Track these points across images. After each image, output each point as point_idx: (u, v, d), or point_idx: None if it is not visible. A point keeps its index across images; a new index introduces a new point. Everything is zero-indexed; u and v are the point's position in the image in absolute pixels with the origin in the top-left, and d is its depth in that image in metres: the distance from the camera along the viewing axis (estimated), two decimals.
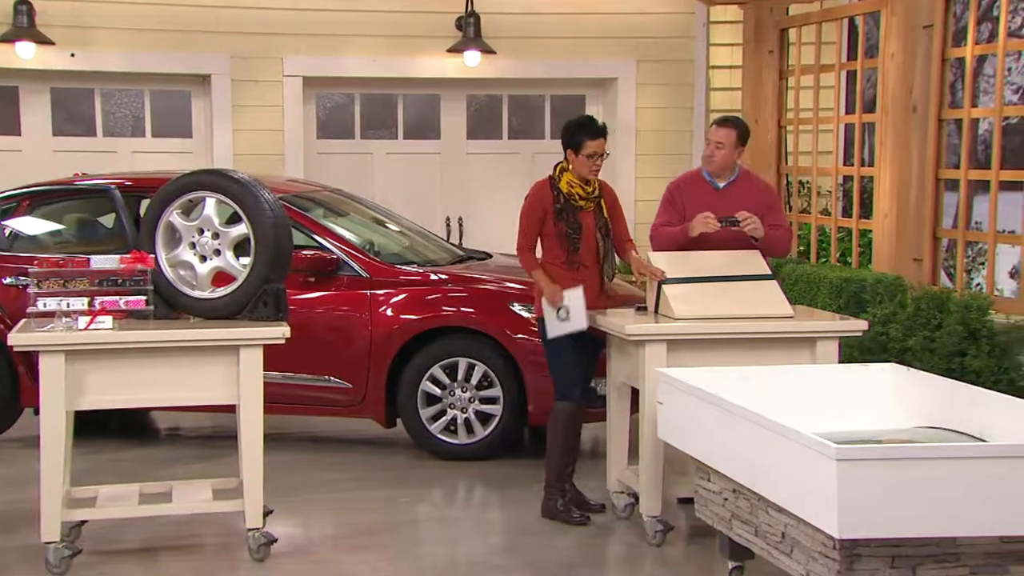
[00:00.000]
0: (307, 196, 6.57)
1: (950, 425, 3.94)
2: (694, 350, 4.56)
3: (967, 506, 3.18)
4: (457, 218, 9.00)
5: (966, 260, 9.49)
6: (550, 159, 5.13)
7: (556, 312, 4.77)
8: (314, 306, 5.96)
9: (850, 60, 7.91)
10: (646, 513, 4.67)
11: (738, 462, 3.74)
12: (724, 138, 4.92)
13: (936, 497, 3.17)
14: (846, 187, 8.49)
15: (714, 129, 4.97)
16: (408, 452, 6.10)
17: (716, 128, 4.97)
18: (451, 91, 9.02)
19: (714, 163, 4.94)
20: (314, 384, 5.97)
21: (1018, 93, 12.19)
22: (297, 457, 6.04)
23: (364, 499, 5.35)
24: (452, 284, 6.02)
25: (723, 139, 4.92)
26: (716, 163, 4.94)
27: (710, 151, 4.94)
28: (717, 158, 4.93)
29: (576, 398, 4.91)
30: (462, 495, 5.58)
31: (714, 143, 4.93)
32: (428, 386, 5.92)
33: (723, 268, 4.78)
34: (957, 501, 3.17)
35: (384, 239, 6.66)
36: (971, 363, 5.25)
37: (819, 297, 6.43)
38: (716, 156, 4.93)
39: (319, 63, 8.57)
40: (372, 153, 9.03)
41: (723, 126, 4.96)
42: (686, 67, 8.83)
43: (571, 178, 4.89)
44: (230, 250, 4.50)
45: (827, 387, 4.28)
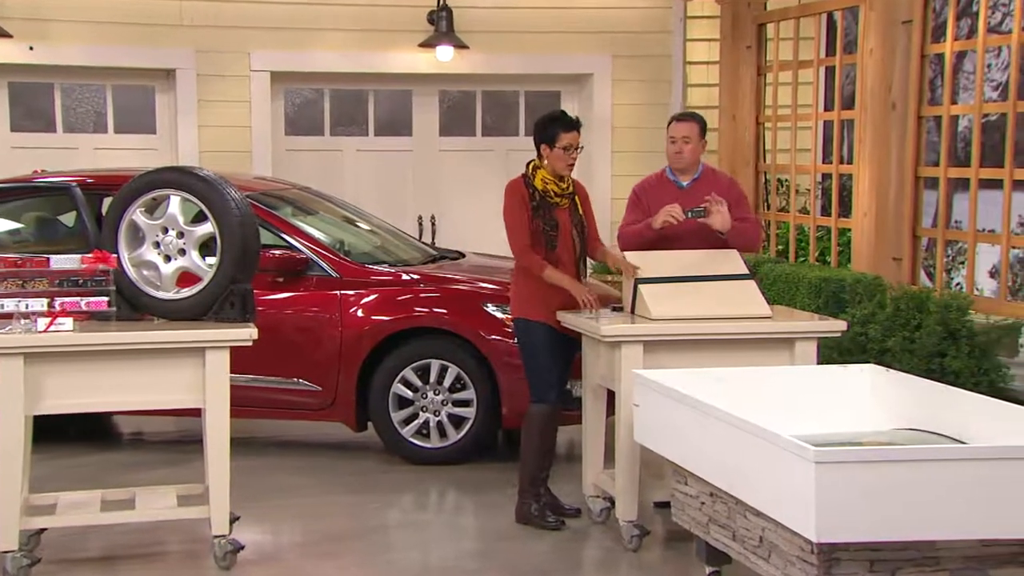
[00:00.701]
0: (275, 194, 6.55)
1: (930, 427, 3.97)
2: (671, 351, 4.58)
3: (947, 509, 3.20)
4: (429, 217, 8.99)
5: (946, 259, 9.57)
6: (524, 156, 5.14)
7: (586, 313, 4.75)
8: (282, 307, 5.94)
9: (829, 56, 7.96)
10: (622, 517, 4.68)
11: (715, 465, 3.76)
12: (689, 132, 4.93)
13: (915, 500, 3.19)
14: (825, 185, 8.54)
15: (676, 125, 4.98)
16: (379, 456, 6.09)
17: (678, 124, 4.98)
18: (423, 87, 9.00)
19: (684, 159, 4.95)
20: (282, 387, 5.95)
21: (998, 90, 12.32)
22: (265, 462, 6.02)
23: (333, 504, 5.33)
24: (424, 284, 6.01)
25: (688, 133, 4.93)
26: (686, 158, 4.95)
27: (678, 147, 4.95)
28: (686, 153, 4.94)
29: (552, 401, 4.91)
30: (434, 500, 5.57)
31: (680, 139, 4.94)
32: (400, 388, 5.91)
33: (700, 267, 4.79)
34: (937, 504, 3.20)
35: (354, 238, 6.64)
36: (951, 364, 5.29)
37: (798, 297, 6.47)
38: (685, 151, 4.94)
39: (287, 58, 8.53)
40: (342, 150, 9.00)
41: (684, 121, 4.98)
42: (663, 63, 8.86)
43: (545, 175, 4.89)
44: (195, 249, 4.48)
45: (805, 388, 4.30)
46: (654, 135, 8.86)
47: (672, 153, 4.98)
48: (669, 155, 5.01)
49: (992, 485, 3.22)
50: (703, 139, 4.97)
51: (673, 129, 4.98)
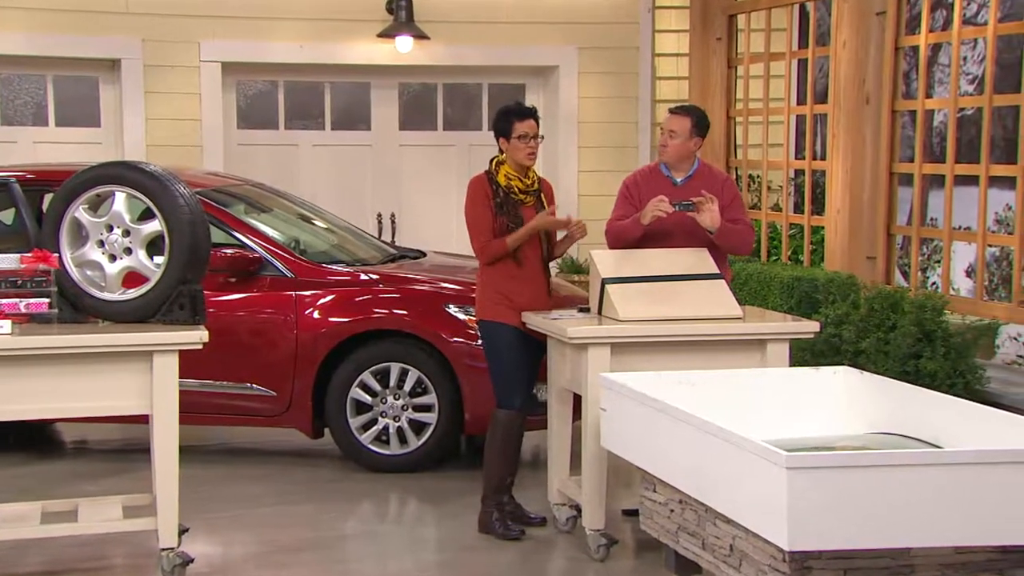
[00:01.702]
0: (227, 191, 6.51)
1: (904, 431, 4.01)
2: (639, 353, 4.59)
3: (922, 516, 3.23)
4: (389, 214, 8.97)
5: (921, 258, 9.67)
6: (487, 152, 5.14)
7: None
8: (235, 309, 5.91)
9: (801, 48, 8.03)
10: (589, 526, 4.69)
11: (685, 471, 3.78)
12: (677, 126, 4.95)
13: (890, 507, 3.22)
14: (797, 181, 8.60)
15: (668, 117, 5.00)
16: (336, 464, 6.07)
17: (670, 116, 5.00)
18: (382, 79, 8.98)
19: (666, 153, 4.97)
20: (234, 392, 5.93)
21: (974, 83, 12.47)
22: (215, 471, 5.99)
23: (287, 515, 5.31)
24: (384, 284, 6.00)
25: (676, 127, 4.95)
26: (669, 153, 4.97)
27: (663, 140, 4.97)
28: (669, 148, 4.95)
29: (517, 406, 4.91)
30: (394, 509, 5.56)
31: (667, 132, 4.96)
32: (358, 393, 5.90)
33: (670, 267, 4.81)
34: (911, 510, 3.23)
35: (310, 237, 6.62)
36: (926, 366, 5.35)
37: (770, 297, 6.51)
38: (668, 146, 4.95)
39: (239, 48, 8.48)
40: (297, 145, 8.97)
41: (677, 114, 4.99)
42: (630, 55, 8.89)
43: (508, 170, 4.90)
44: (142, 248, 4.44)
45: (777, 391, 4.33)
46: (622, 130, 8.92)
47: (659, 146, 5.01)
48: (659, 147, 5.04)
49: (968, 491, 3.25)
50: (697, 136, 4.96)
51: (665, 122, 5.01)
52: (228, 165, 8.44)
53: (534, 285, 4.93)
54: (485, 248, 4.85)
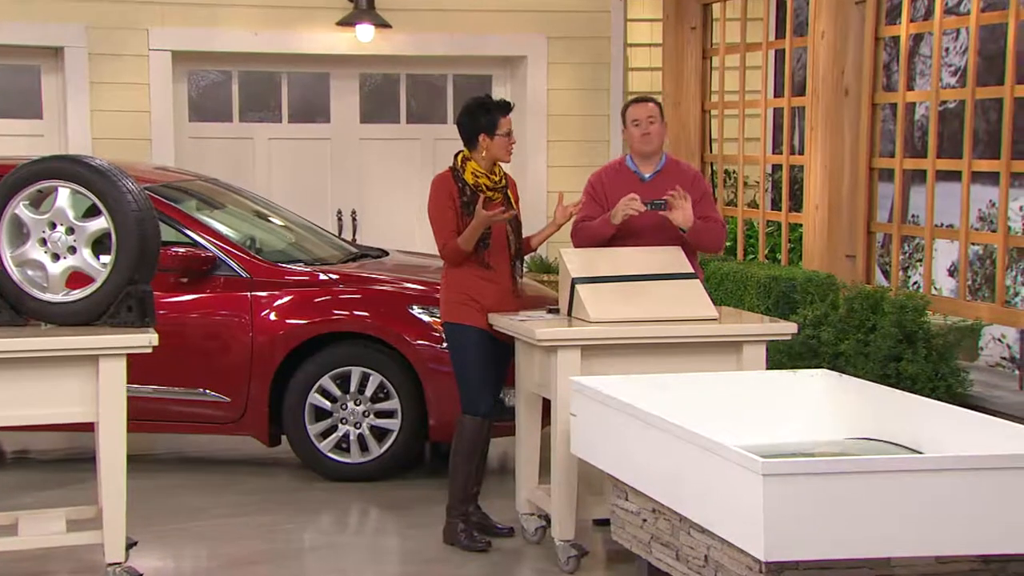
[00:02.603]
0: (178, 186, 6.49)
1: (885, 436, 4.04)
2: (611, 356, 4.60)
3: (902, 524, 3.26)
4: (350, 211, 8.95)
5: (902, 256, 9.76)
6: (453, 146, 5.14)
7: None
8: (186, 310, 5.89)
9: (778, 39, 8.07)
10: (558, 537, 4.70)
11: (658, 479, 3.79)
12: (654, 112, 4.98)
13: (869, 515, 3.24)
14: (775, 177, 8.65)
15: (636, 107, 5.01)
16: (294, 473, 6.05)
17: (638, 106, 5.01)
18: (342, 69, 8.96)
19: (653, 140, 4.97)
20: (186, 398, 5.90)
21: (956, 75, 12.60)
22: (166, 481, 5.95)
23: (242, 526, 5.28)
24: (344, 285, 5.99)
25: (653, 113, 4.98)
26: (655, 139, 4.97)
27: (644, 129, 4.96)
28: (654, 133, 4.96)
29: (484, 411, 4.91)
30: (354, 520, 5.54)
31: (645, 120, 4.96)
32: (317, 399, 5.88)
33: (642, 266, 4.83)
34: (892, 519, 3.26)
35: (267, 234, 6.60)
36: (907, 368, 5.39)
37: (746, 297, 6.54)
38: (652, 131, 4.96)
39: (191, 36, 8.43)
40: (253, 138, 8.93)
41: (645, 102, 5.02)
42: (602, 44, 8.91)
43: (476, 168, 4.89)
44: (87, 247, 4.41)
45: (754, 395, 4.36)
46: (593, 123, 8.94)
47: (639, 136, 4.98)
48: (634, 140, 5.01)
49: (950, 498, 3.28)
50: (664, 123, 5.01)
51: (634, 112, 5.00)
52: (179, 159, 8.39)
53: (501, 285, 4.93)
54: (446, 249, 4.85)
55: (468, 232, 4.79)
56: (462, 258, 4.85)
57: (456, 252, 4.84)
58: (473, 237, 4.80)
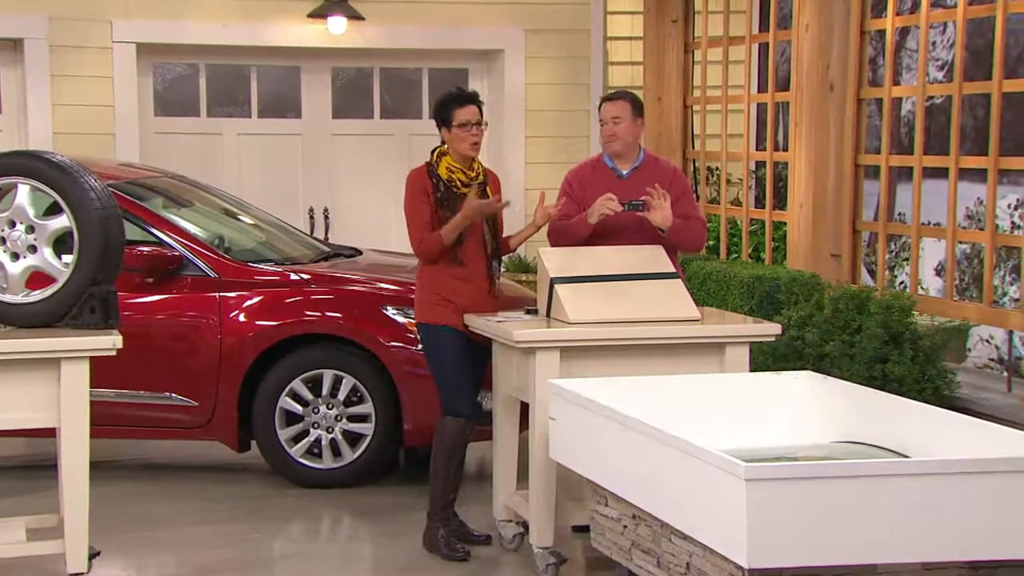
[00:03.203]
0: (143, 183, 6.46)
1: (870, 439, 4.06)
2: (590, 358, 4.60)
3: (888, 530, 3.27)
4: (321, 209, 8.93)
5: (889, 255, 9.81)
6: (428, 141, 5.14)
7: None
8: (152, 311, 5.87)
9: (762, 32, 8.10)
10: (537, 544, 4.70)
11: (638, 484, 3.79)
12: (619, 111, 4.98)
13: (855, 520, 3.25)
14: (759, 174, 8.68)
15: (604, 106, 5.03)
16: (264, 479, 6.03)
17: (606, 104, 5.03)
18: (313, 63, 8.94)
19: (617, 141, 4.98)
20: (152, 402, 5.87)
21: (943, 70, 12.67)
22: (130, 488, 5.93)
23: (210, 535, 5.27)
24: (316, 285, 5.98)
25: (619, 112, 4.97)
26: (620, 140, 4.98)
27: (609, 129, 4.98)
28: (619, 133, 4.97)
29: (466, 413, 4.91)
30: (326, 528, 5.53)
31: (610, 119, 4.97)
32: (288, 403, 5.87)
33: (623, 266, 4.83)
34: (878, 524, 3.27)
35: (236, 233, 6.58)
36: (893, 370, 5.42)
37: (729, 298, 6.56)
38: (618, 132, 4.97)
39: (156, 27, 8.39)
40: (221, 133, 8.90)
41: (613, 100, 5.03)
42: (581, 38, 8.91)
43: (451, 162, 4.89)
44: (48, 246, 4.38)
45: (737, 398, 4.37)
46: (572, 118, 8.94)
47: (604, 137, 5.01)
48: (602, 140, 5.04)
49: (937, 503, 3.30)
50: (639, 119, 5.01)
51: (602, 110, 5.02)
52: (144, 156, 8.35)
53: (477, 285, 4.93)
54: (421, 245, 4.85)
55: (454, 223, 4.78)
56: (438, 253, 4.84)
57: (433, 245, 4.82)
58: (458, 229, 4.79)
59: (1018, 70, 7.37)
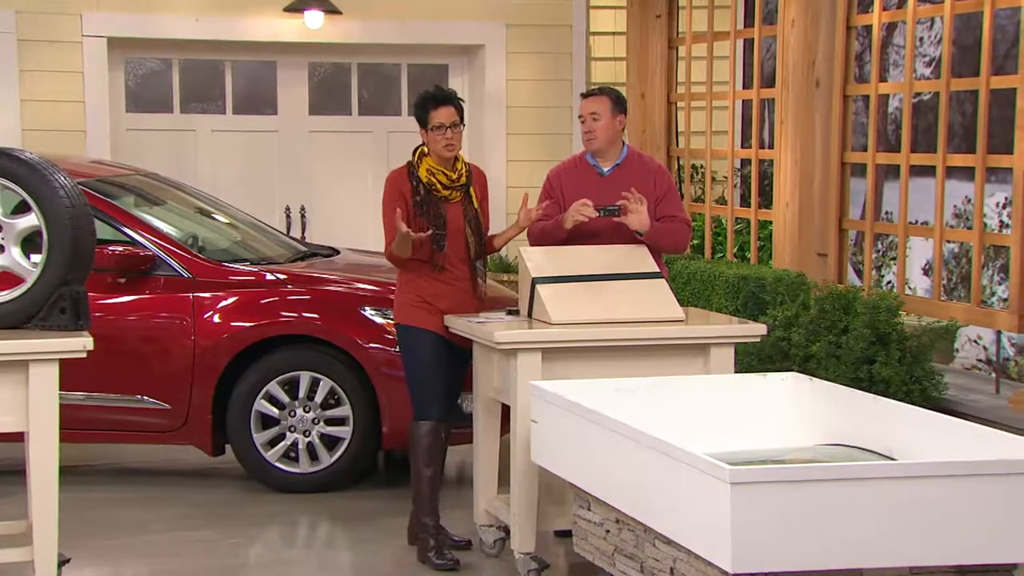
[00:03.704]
0: (114, 181, 6.45)
1: (857, 442, 4.08)
2: (573, 360, 4.61)
3: (875, 534, 3.29)
4: (298, 207, 8.92)
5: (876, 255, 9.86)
6: (407, 139, 5.14)
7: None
8: (124, 312, 5.86)
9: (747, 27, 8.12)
10: (518, 549, 4.70)
11: (622, 488, 3.80)
12: (598, 107, 4.97)
13: (841, 524, 3.27)
14: (743, 172, 8.71)
15: (584, 102, 5.03)
16: (239, 484, 6.02)
17: (586, 101, 5.03)
18: (289, 58, 8.92)
19: (596, 139, 4.99)
20: (124, 405, 5.86)
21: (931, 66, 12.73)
22: (101, 494, 5.91)
23: (184, 541, 5.25)
24: (292, 285, 5.98)
25: (597, 108, 4.97)
26: (599, 137, 4.98)
27: (588, 127, 4.99)
28: (598, 131, 4.97)
29: (435, 416, 4.90)
30: (303, 534, 5.52)
31: (589, 116, 4.98)
32: (263, 406, 5.86)
33: (606, 266, 4.84)
34: (864, 528, 3.28)
35: (210, 232, 6.57)
36: (880, 371, 5.45)
37: (714, 298, 6.58)
38: (596, 129, 4.97)
39: (128, 21, 8.36)
40: (195, 130, 8.88)
41: (593, 96, 5.03)
42: (563, 33, 8.92)
43: (432, 164, 4.88)
44: (16, 246, 4.37)
45: (721, 400, 4.38)
46: (554, 115, 8.95)
47: (584, 134, 5.01)
48: (583, 137, 5.04)
49: (924, 506, 3.31)
50: (619, 116, 5.01)
51: (581, 107, 5.03)
52: (116, 153, 8.33)
53: (458, 287, 4.93)
54: (387, 254, 4.84)
55: (397, 242, 4.75)
56: (403, 264, 4.84)
57: (394, 258, 4.83)
58: (401, 248, 4.76)
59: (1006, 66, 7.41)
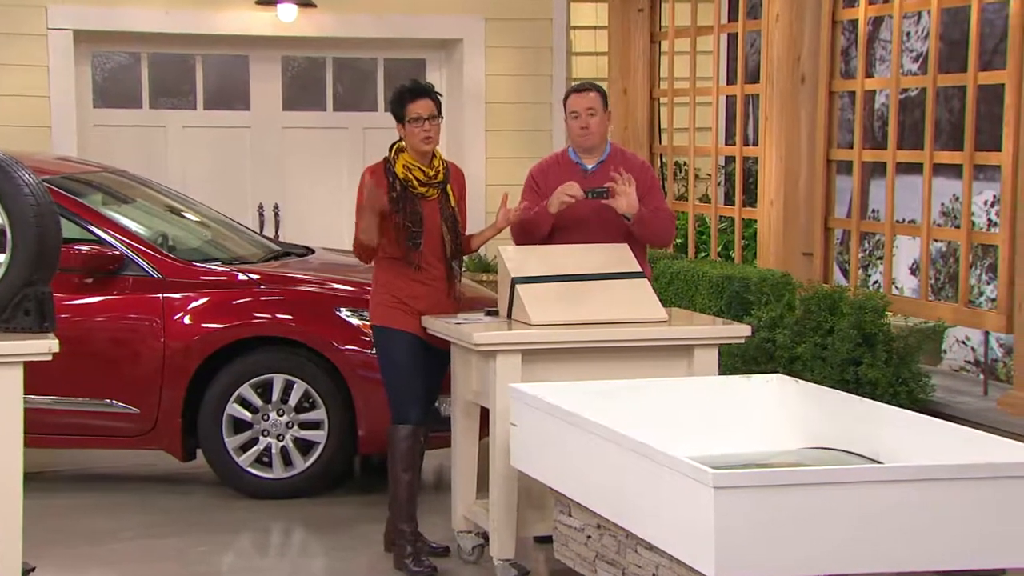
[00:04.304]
0: (81, 178, 6.44)
1: (843, 445, 4.09)
2: (553, 361, 4.61)
3: (861, 539, 3.30)
4: (272, 205, 8.90)
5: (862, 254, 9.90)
6: (383, 135, 5.14)
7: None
8: (91, 313, 5.85)
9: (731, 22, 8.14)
10: (497, 556, 4.70)
11: (603, 493, 3.80)
12: (593, 103, 4.99)
13: (826, 529, 3.27)
14: (727, 170, 8.73)
15: (576, 98, 5.03)
16: (210, 490, 6.00)
17: (578, 95, 5.03)
18: (262, 52, 8.90)
19: (592, 135, 5.00)
20: (91, 410, 5.85)
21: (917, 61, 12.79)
22: (69, 500, 5.89)
23: (153, 549, 5.24)
24: (265, 285, 5.97)
25: (593, 104, 4.99)
26: (595, 133, 4.99)
27: (583, 122, 4.99)
28: (593, 127, 4.98)
29: (413, 420, 4.90)
30: (277, 541, 5.51)
31: (584, 112, 4.98)
32: (235, 409, 5.85)
33: (587, 265, 4.85)
34: (850, 533, 3.29)
35: (180, 231, 6.57)
36: (866, 373, 5.46)
37: (697, 298, 6.59)
38: (592, 125, 4.98)
39: (95, 14, 8.34)
40: (165, 126, 8.85)
41: (585, 91, 5.04)
42: (543, 27, 8.93)
43: (408, 160, 4.88)
44: None
45: (705, 402, 4.39)
46: (534, 111, 8.95)
47: (577, 130, 5.01)
48: (573, 133, 5.05)
49: (911, 510, 3.33)
50: (607, 112, 5.04)
51: (573, 102, 5.02)
52: (83, 149, 8.30)
53: (435, 287, 4.93)
54: (353, 244, 4.84)
55: (365, 220, 4.74)
56: (369, 253, 4.85)
57: (359, 246, 4.83)
58: (370, 227, 4.75)
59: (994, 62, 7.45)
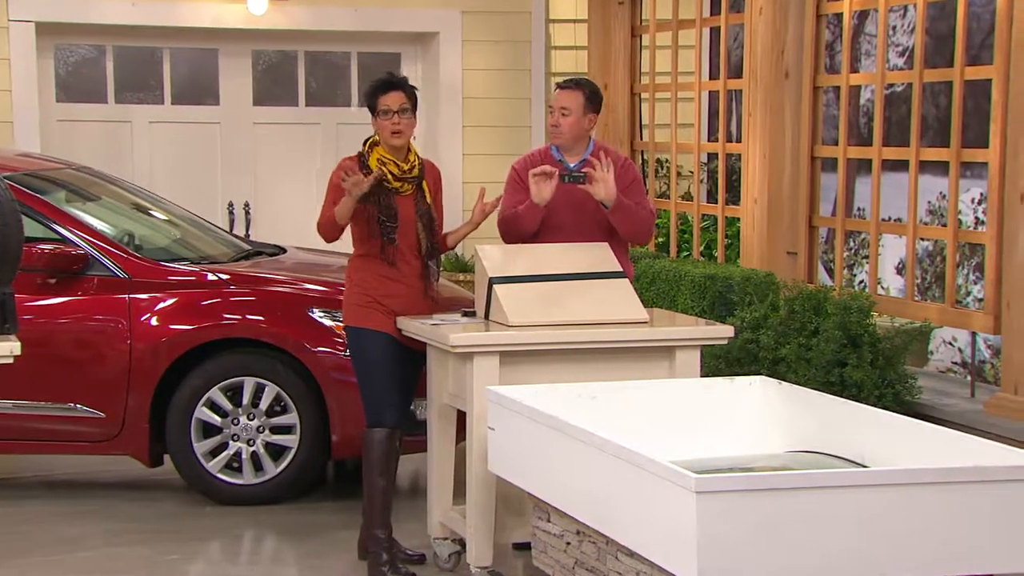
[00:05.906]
0: (44, 175, 6.41)
1: (828, 448, 4.11)
2: (532, 364, 4.62)
3: (847, 544, 3.31)
4: (242, 203, 8.89)
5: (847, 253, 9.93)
6: (357, 131, 5.14)
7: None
8: (55, 315, 5.83)
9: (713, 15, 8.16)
10: (474, 563, 4.70)
11: (583, 498, 3.81)
12: (570, 102, 5.02)
13: (811, 534, 3.29)
14: (710, 167, 8.76)
15: (558, 94, 5.08)
16: (178, 497, 6.00)
17: (559, 92, 5.08)
18: (232, 45, 8.89)
19: (561, 134, 5.04)
20: (55, 414, 5.83)
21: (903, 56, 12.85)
22: (31, 508, 5.87)
23: (119, 558, 5.23)
24: (236, 286, 5.97)
25: (569, 103, 5.02)
26: (563, 133, 5.03)
27: (555, 119, 5.05)
28: (564, 127, 5.02)
29: (389, 423, 4.90)
30: (248, 548, 5.50)
31: (559, 109, 5.03)
32: (204, 413, 5.84)
33: (567, 265, 4.86)
34: (836, 538, 3.31)
35: (147, 230, 6.55)
36: (852, 375, 5.49)
37: (679, 298, 6.61)
38: (562, 124, 5.02)
39: (57, 5, 8.32)
40: (131, 121, 8.83)
41: (567, 89, 5.08)
42: (522, 20, 8.94)
43: (382, 153, 4.90)
44: None
45: (687, 405, 4.40)
46: (512, 107, 8.97)
47: (550, 125, 5.09)
48: (549, 127, 5.13)
49: (898, 515, 3.34)
50: (592, 112, 5.07)
51: (554, 98, 5.08)
52: (45, 145, 8.28)
53: (410, 286, 4.93)
54: (319, 222, 4.87)
55: (343, 203, 4.77)
56: (334, 232, 4.87)
57: (326, 224, 4.85)
58: (345, 207, 4.77)
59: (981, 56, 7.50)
